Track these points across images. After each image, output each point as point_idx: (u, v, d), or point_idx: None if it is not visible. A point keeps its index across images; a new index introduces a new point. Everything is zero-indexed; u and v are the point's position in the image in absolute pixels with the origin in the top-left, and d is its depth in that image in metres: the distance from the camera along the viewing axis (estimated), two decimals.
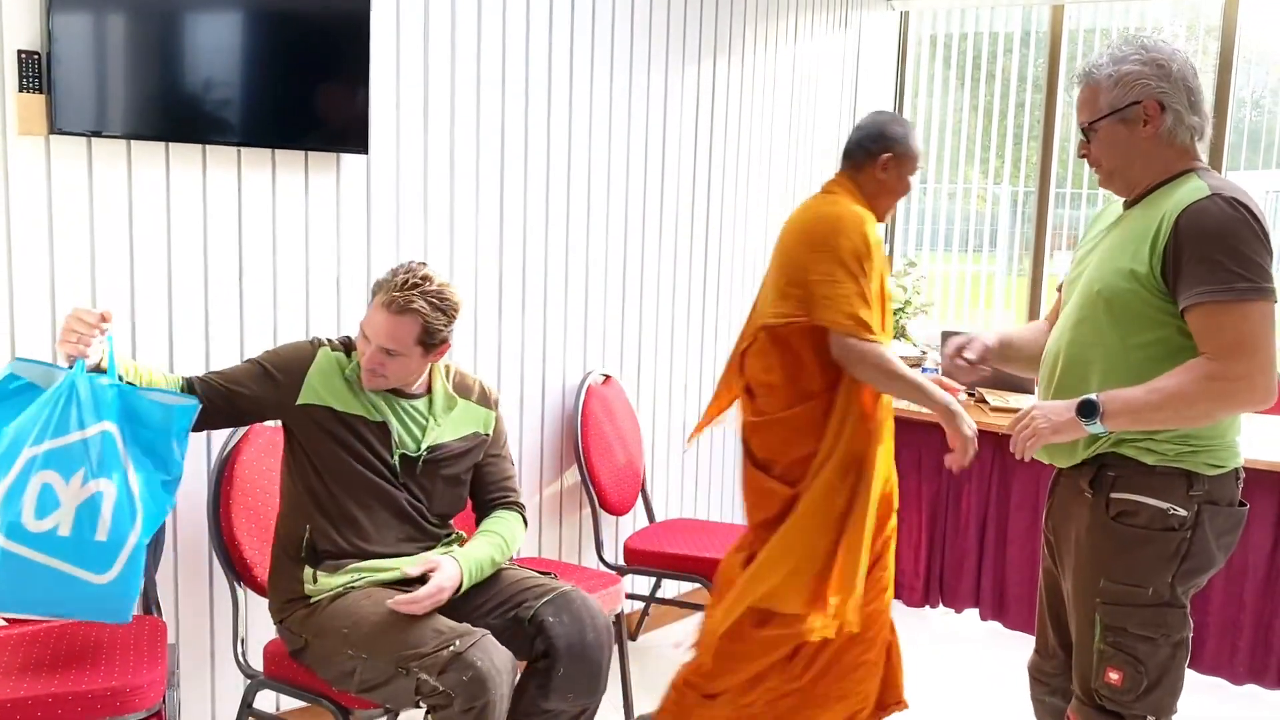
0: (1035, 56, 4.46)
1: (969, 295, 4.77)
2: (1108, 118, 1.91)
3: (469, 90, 3.00)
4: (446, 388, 2.34)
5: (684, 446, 3.87)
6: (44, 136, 2.28)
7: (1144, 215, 1.90)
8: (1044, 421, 1.88)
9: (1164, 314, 1.84)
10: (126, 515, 1.91)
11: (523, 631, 2.21)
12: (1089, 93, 1.94)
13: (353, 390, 2.24)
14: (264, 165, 2.62)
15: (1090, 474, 1.95)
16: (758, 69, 3.99)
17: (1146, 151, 1.91)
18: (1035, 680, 2.20)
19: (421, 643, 2.00)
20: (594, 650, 2.19)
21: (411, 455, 2.26)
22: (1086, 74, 1.95)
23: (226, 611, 2.60)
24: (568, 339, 3.41)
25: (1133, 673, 1.87)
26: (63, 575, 1.86)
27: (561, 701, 2.18)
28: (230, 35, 2.47)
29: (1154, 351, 1.86)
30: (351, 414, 2.22)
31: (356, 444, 2.22)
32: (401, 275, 2.18)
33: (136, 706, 1.93)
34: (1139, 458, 1.89)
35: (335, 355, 2.26)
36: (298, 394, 2.20)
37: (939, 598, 4.05)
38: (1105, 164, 1.96)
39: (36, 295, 2.30)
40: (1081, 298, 1.96)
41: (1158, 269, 1.83)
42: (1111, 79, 1.90)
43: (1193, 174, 1.89)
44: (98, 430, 1.92)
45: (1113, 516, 1.90)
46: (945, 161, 4.71)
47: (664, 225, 3.68)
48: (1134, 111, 1.89)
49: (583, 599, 2.25)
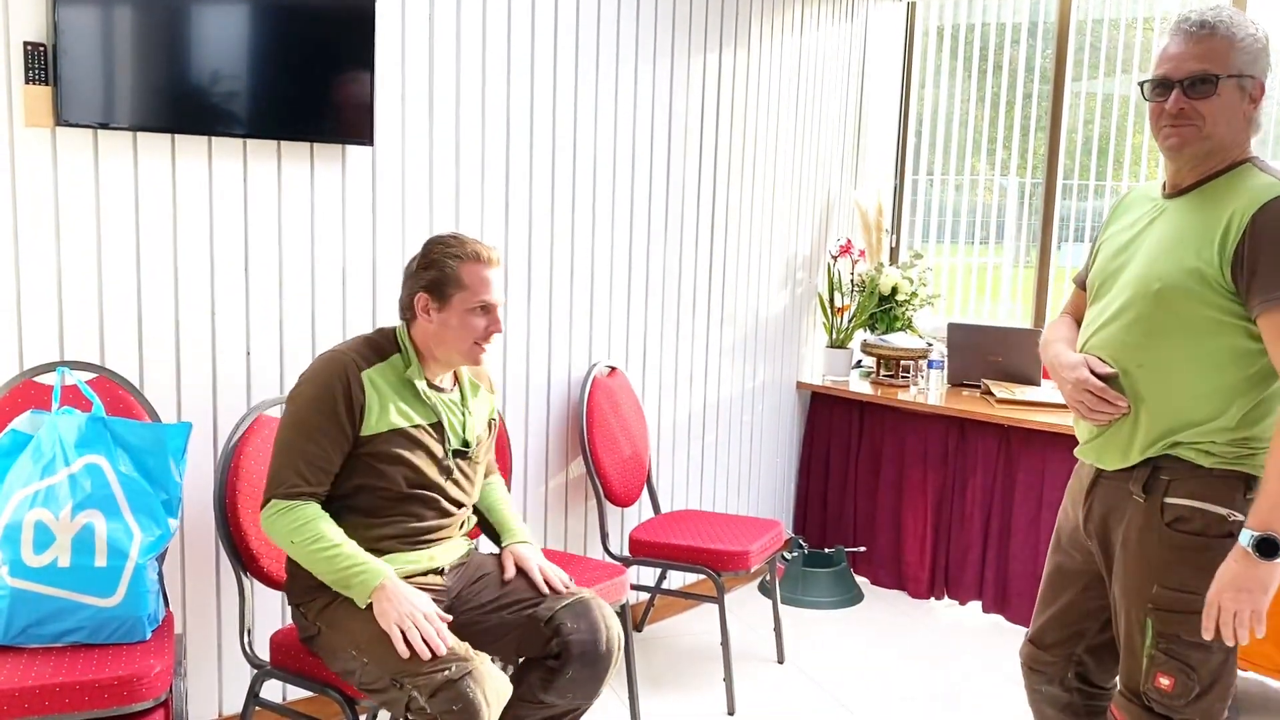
0: (1043, 47, 4.44)
1: (976, 287, 4.76)
2: (1234, 79, 1.76)
3: (474, 81, 3.00)
4: (468, 377, 2.36)
5: (697, 438, 3.87)
6: (50, 128, 2.28)
7: (1205, 207, 1.79)
8: (1247, 600, 1.69)
9: (1233, 317, 1.75)
10: (122, 539, 2.05)
11: (539, 630, 2.22)
12: (1221, 44, 1.76)
13: (410, 396, 2.19)
14: (269, 157, 2.62)
15: (1143, 476, 1.86)
16: (764, 60, 3.97)
17: (1239, 129, 1.79)
18: (1030, 670, 2.17)
19: (419, 660, 1.98)
20: (604, 659, 2.21)
21: (459, 449, 2.27)
22: (1212, 26, 1.77)
23: (233, 601, 2.62)
24: (573, 331, 3.41)
25: (1184, 680, 1.81)
26: (71, 604, 2.01)
27: (560, 698, 2.21)
28: (236, 27, 2.47)
29: (1219, 360, 1.78)
30: (415, 425, 2.18)
31: (419, 454, 2.18)
32: (454, 238, 2.20)
33: (144, 695, 1.94)
34: (1195, 460, 1.80)
35: (378, 369, 2.17)
36: (361, 429, 2.13)
37: (944, 590, 4.05)
38: (1206, 126, 1.78)
39: (43, 286, 2.31)
40: (1135, 294, 1.85)
41: (1227, 270, 1.72)
42: (1244, 41, 1.75)
43: (1251, 165, 1.80)
44: (83, 464, 2.07)
45: (1167, 522, 1.82)
46: (952, 153, 4.70)
47: (669, 217, 3.68)
48: (1252, 84, 1.77)
49: (601, 608, 2.27)
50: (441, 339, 2.20)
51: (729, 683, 3.12)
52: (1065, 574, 2.10)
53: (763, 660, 3.49)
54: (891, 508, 4.17)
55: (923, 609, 4.02)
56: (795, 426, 4.46)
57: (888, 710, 3.15)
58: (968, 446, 3.90)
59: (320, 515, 2.10)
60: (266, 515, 2.11)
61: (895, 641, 3.67)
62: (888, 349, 4.23)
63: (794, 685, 3.31)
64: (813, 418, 4.46)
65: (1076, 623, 2.08)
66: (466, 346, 2.20)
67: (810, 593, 4.00)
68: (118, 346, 2.43)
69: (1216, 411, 1.79)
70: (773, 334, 4.25)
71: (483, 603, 2.28)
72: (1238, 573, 1.71)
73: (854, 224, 4.63)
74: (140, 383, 2.46)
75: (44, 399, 2.24)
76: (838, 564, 4.10)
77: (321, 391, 2.11)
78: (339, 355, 2.16)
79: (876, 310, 4.35)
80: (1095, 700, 2.10)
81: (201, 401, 2.56)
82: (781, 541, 3.42)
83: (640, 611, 3.70)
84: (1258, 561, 1.68)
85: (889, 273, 4.32)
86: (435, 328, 2.19)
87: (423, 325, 2.21)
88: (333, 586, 2.08)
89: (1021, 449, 3.74)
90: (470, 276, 2.17)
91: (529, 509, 3.34)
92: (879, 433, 4.20)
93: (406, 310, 2.23)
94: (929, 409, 3.96)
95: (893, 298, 4.32)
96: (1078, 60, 4.27)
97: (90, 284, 2.38)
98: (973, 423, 3.83)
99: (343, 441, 2.12)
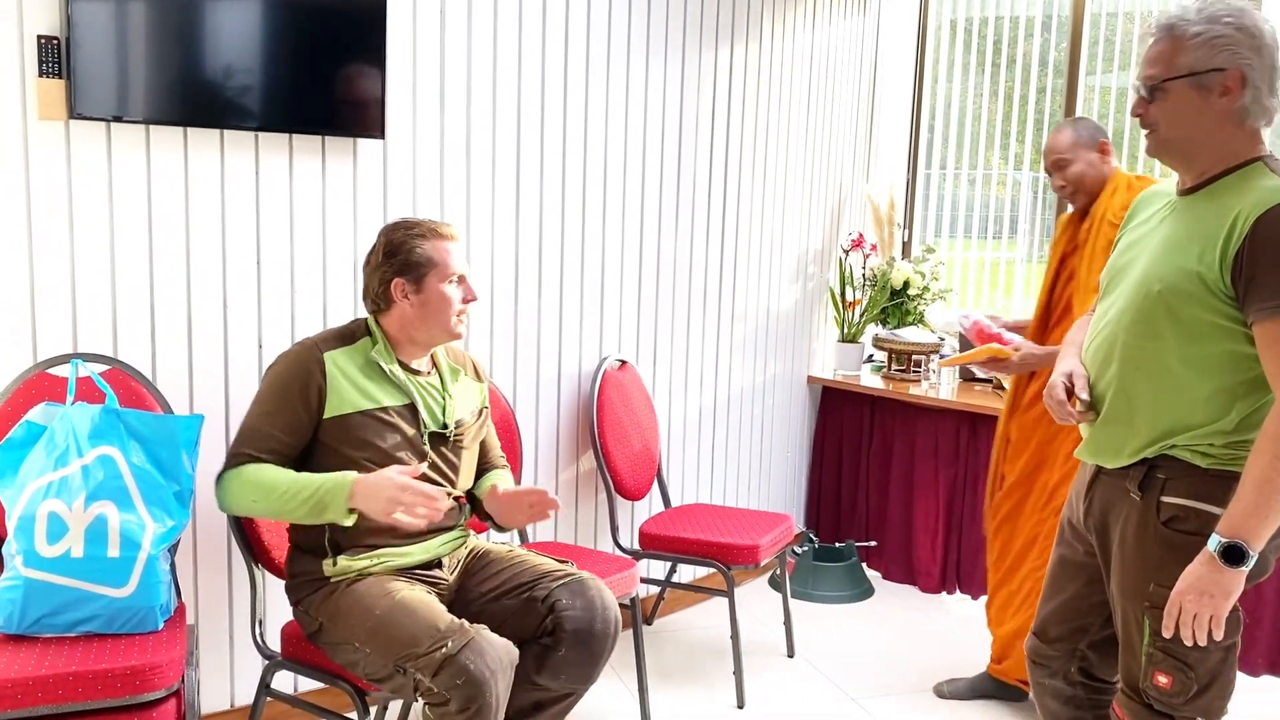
0: (1057, 41, 4.42)
1: (988, 282, 4.74)
2: (1183, 79, 1.73)
3: (485, 75, 3.00)
4: (448, 362, 2.36)
5: (707, 432, 3.87)
6: (64, 121, 2.30)
7: (1210, 209, 1.76)
8: (1209, 605, 1.69)
9: (1232, 322, 1.72)
10: (134, 530, 2.06)
11: (535, 611, 2.22)
12: (1168, 46, 1.74)
13: (377, 377, 2.21)
14: (281, 150, 2.63)
15: (1139, 476, 1.85)
16: (776, 53, 3.96)
17: (1213, 127, 1.75)
18: (1035, 663, 2.17)
19: (416, 642, 1.98)
20: (599, 640, 2.20)
21: (438, 431, 2.26)
22: (1169, 26, 1.75)
23: (245, 593, 2.63)
24: (584, 325, 3.41)
25: (1183, 678, 1.80)
26: (85, 594, 2.03)
27: (553, 680, 2.21)
28: (248, 21, 2.48)
29: (1219, 364, 1.75)
30: (379, 407, 2.19)
31: (388, 436, 2.18)
32: (409, 221, 2.23)
33: (156, 685, 1.95)
34: (1192, 460, 1.79)
35: (343, 351, 2.20)
36: (323, 411, 2.15)
37: (955, 584, 4.04)
38: (1163, 130, 1.78)
39: (57, 279, 2.33)
40: (1137, 294, 1.83)
41: (1227, 275, 1.69)
42: (1199, 37, 1.71)
43: (1262, 166, 1.75)
44: (96, 455, 2.08)
45: (1163, 521, 1.81)
46: (965, 147, 4.68)
47: (680, 211, 3.67)
48: (1214, 79, 1.71)
49: (599, 588, 2.26)
50: (423, 318, 2.21)
51: (739, 676, 3.12)
52: (1068, 566, 2.10)
53: (773, 654, 3.49)
54: (903, 502, 4.16)
55: (934, 603, 4.01)
56: (806, 421, 4.46)
57: (898, 705, 3.14)
58: (979, 442, 3.88)
59: (261, 465, 2.11)
60: (218, 491, 2.15)
61: (906, 636, 3.67)
62: (899, 343, 4.22)
63: (804, 679, 3.31)
64: (824, 412, 4.45)
65: (1079, 617, 2.07)
66: (449, 319, 2.23)
67: (821, 587, 4.00)
68: (130, 339, 2.44)
69: (1217, 415, 1.77)
70: (784, 328, 4.24)
71: (483, 592, 2.28)
72: (1201, 576, 1.70)
73: (866, 218, 4.62)
74: (153, 375, 2.48)
75: (58, 391, 2.26)
76: (848, 558, 4.09)
77: (281, 377, 2.16)
78: (304, 341, 2.21)
79: (888, 305, 4.34)
80: (1099, 695, 2.10)
81: (214, 393, 2.58)
82: (792, 536, 3.42)
83: (650, 605, 3.71)
84: (1222, 568, 1.68)
85: (901, 267, 4.31)
86: (415, 309, 2.21)
87: (400, 310, 2.21)
88: (312, 521, 2.10)
89: None
90: (438, 253, 2.20)
91: None
92: (890, 427, 4.19)
93: (379, 299, 2.23)
94: (940, 404, 3.95)
95: (904, 292, 4.32)
96: (1092, 54, 4.25)
97: (103, 277, 2.39)
98: (984, 417, 3.82)
99: (297, 423, 2.14)
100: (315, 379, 2.14)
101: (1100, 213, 2.85)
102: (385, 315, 2.24)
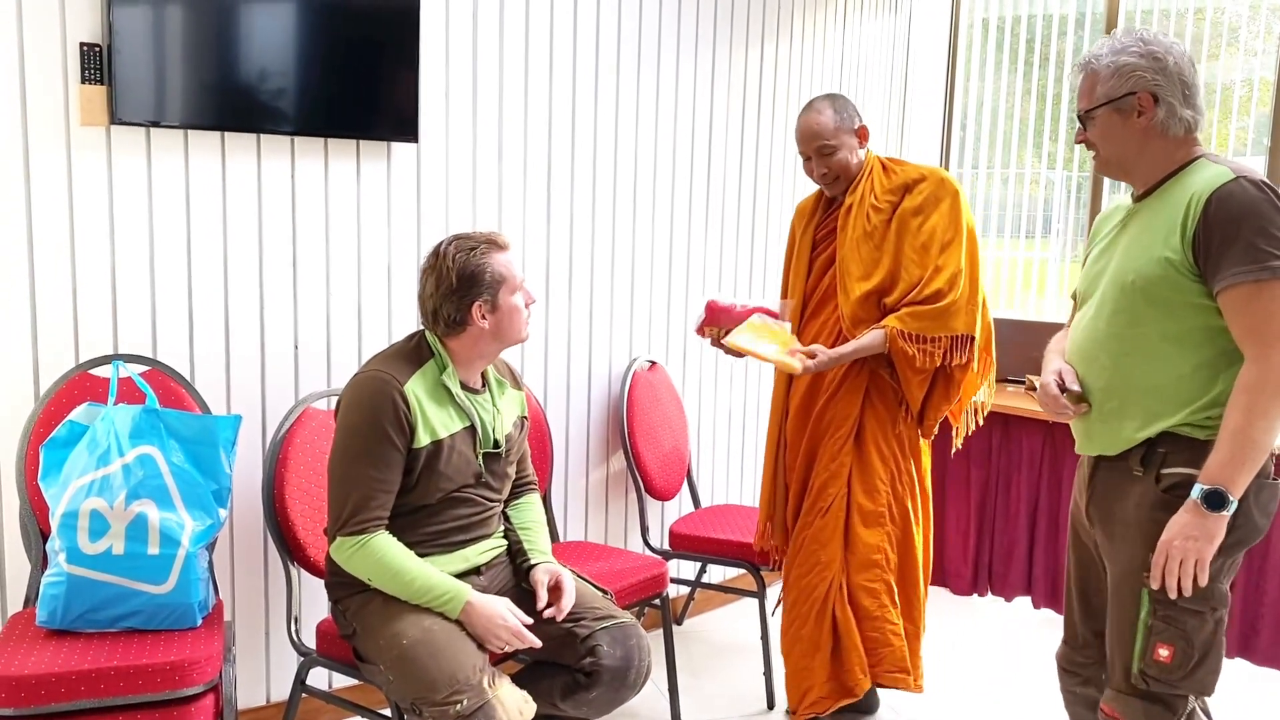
0: (1090, 38, 4.38)
1: (1021, 281, 4.71)
2: (1104, 106, 1.94)
3: (517, 78, 3.03)
4: (493, 375, 2.36)
5: (737, 432, 3.87)
6: (105, 127, 2.34)
7: (1164, 203, 1.91)
8: (1194, 548, 1.81)
9: (1203, 298, 1.84)
10: (174, 528, 2.10)
11: (574, 647, 2.24)
12: (1087, 81, 1.97)
13: (445, 401, 2.19)
14: (317, 154, 2.66)
15: (1140, 454, 1.94)
16: (807, 52, 3.96)
17: (1139, 141, 1.94)
18: (1065, 671, 2.19)
19: (434, 689, 1.98)
20: (629, 689, 2.26)
21: (491, 451, 2.27)
22: (1085, 64, 1.98)
23: (281, 590, 2.67)
24: (614, 326, 3.43)
25: (1184, 647, 1.86)
26: (125, 590, 2.07)
27: (574, 710, 2.26)
28: (284, 26, 2.52)
29: (1197, 339, 1.86)
30: (452, 434, 2.19)
31: (454, 462, 2.18)
32: (468, 239, 2.21)
33: (194, 680, 1.99)
34: (1190, 435, 1.89)
35: (416, 378, 2.16)
36: (412, 444, 2.13)
37: (987, 586, 4.02)
38: (1101, 151, 2.00)
39: (98, 282, 2.37)
40: (1113, 289, 1.95)
41: (1189, 253, 1.83)
42: (1110, 69, 1.93)
43: (1204, 160, 1.90)
44: (136, 454, 2.12)
45: (1164, 490, 1.89)
46: (998, 146, 4.65)
47: (710, 212, 3.68)
48: (1128, 102, 1.92)
49: (639, 637, 2.28)
50: (497, 333, 2.21)
51: (768, 677, 3.12)
52: (1085, 567, 2.13)
53: None
54: (934, 503, 4.13)
55: (965, 605, 3.98)
56: None
57: (930, 705, 3.13)
58: (1011, 443, 3.86)
59: (390, 545, 2.11)
60: (337, 551, 2.12)
61: (937, 637, 3.65)
62: None
63: None
64: None
65: (1104, 619, 2.07)
66: (520, 328, 2.25)
67: None
68: (170, 340, 2.49)
69: (1203, 388, 1.87)
70: None
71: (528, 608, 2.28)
72: (1186, 522, 1.82)
73: None
74: (191, 376, 2.52)
75: (100, 392, 2.30)
76: None
77: (371, 416, 2.09)
78: (377, 376, 2.12)
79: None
80: None
81: (251, 394, 2.62)
82: None
83: (680, 605, 3.71)
84: (1206, 513, 1.80)
85: None
86: (491, 326, 2.20)
87: (477, 329, 2.19)
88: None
89: (1066, 444, 3.70)
90: (505, 267, 2.21)
91: (569, 502, 3.37)
92: None
93: (453, 323, 2.18)
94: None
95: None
96: None
97: (143, 279, 2.43)
98: (1016, 419, 3.80)
99: (397, 462, 2.11)
100: (404, 415, 2.10)
101: (860, 197, 2.73)
102: (457, 336, 2.20)
